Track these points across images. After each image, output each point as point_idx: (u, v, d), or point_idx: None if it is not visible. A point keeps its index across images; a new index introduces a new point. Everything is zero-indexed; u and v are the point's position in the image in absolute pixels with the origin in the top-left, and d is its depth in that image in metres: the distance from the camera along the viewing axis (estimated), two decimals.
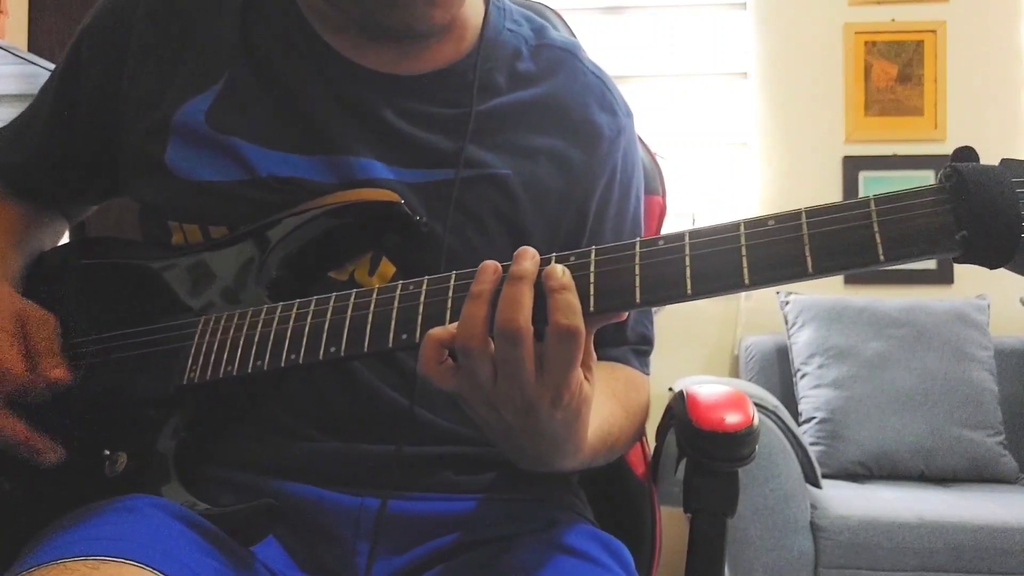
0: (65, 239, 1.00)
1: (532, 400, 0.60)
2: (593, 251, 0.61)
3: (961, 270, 2.90)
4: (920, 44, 3.00)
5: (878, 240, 0.54)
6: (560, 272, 0.59)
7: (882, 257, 0.54)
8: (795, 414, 2.58)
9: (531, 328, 0.58)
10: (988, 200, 0.52)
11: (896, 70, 3.01)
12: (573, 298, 0.58)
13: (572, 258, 0.61)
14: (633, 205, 0.91)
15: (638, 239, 0.60)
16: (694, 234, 0.58)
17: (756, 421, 0.90)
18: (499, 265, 0.61)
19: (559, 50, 0.89)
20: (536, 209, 0.82)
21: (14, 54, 2.10)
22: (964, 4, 2.98)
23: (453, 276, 0.65)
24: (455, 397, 0.63)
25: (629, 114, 0.92)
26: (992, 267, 0.53)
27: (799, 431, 2.26)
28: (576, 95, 0.87)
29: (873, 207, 0.54)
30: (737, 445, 0.89)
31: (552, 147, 0.84)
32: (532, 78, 0.86)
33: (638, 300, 0.58)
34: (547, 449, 0.65)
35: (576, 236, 0.85)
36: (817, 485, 2.20)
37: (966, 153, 0.55)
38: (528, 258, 0.60)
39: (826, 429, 2.49)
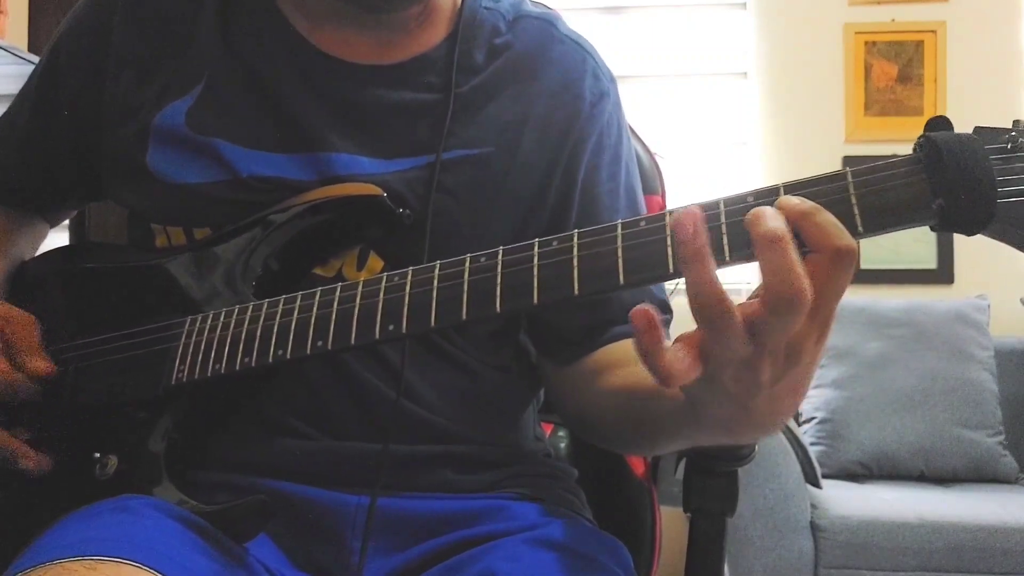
0: (55, 242, 1.00)
1: (799, 341, 0.52)
2: (576, 234, 0.60)
3: (961, 270, 2.91)
4: (920, 44, 3.00)
5: (856, 211, 0.54)
6: (796, 199, 0.52)
7: (861, 228, 0.54)
8: (795, 414, 2.58)
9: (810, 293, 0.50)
10: (963, 167, 0.53)
11: (896, 70, 3.01)
12: (832, 216, 0.51)
13: (555, 243, 0.61)
14: (625, 171, 0.90)
15: (620, 221, 0.60)
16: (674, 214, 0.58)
17: None
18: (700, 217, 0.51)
19: (536, 20, 0.89)
20: (524, 180, 0.82)
21: (14, 54, 2.10)
22: (964, 4, 2.97)
23: (438, 266, 0.65)
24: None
25: (612, 80, 0.91)
26: (969, 233, 0.54)
27: (799, 431, 2.26)
28: (555, 61, 0.87)
29: (850, 179, 0.54)
30: (736, 444, 0.88)
31: (534, 113, 0.84)
32: (510, 49, 0.86)
33: (622, 281, 0.58)
34: (787, 409, 0.57)
35: (566, 201, 0.85)
36: (817, 485, 2.20)
37: (940, 123, 0.56)
38: (772, 217, 0.50)
39: (826, 429, 2.49)
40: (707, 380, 0.54)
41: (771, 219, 0.50)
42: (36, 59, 2.11)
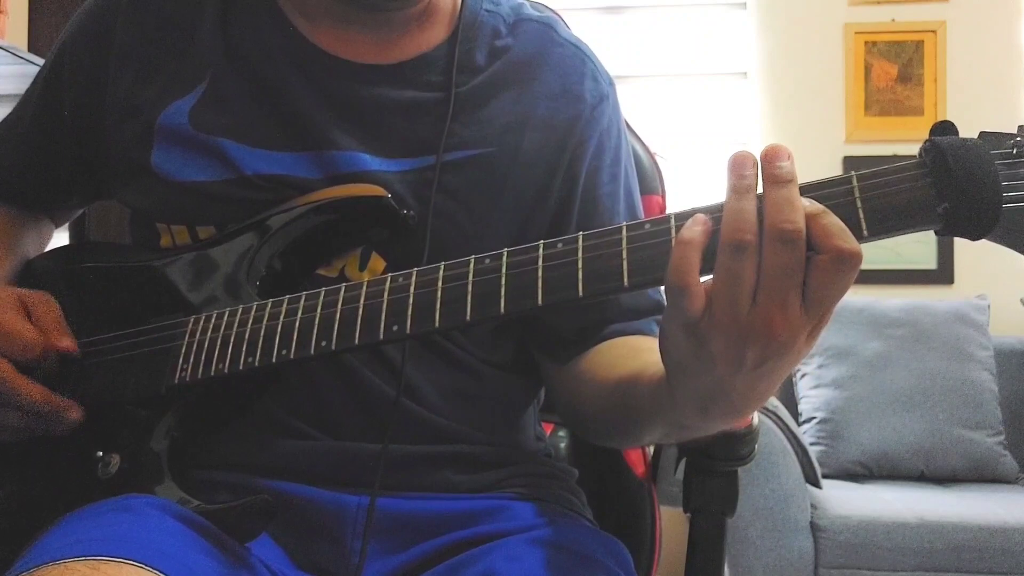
0: (54, 241, 1.00)
1: (793, 332, 0.53)
2: (581, 236, 0.61)
3: (961, 270, 2.90)
4: (920, 44, 3.00)
5: (861, 216, 0.54)
6: (806, 201, 0.53)
7: (865, 232, 0.54)
8: (795, 414, 2.58)
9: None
10: (968, 172, 0.53)
11: (896, 70, 3.01)
12: (838, 220, 0.52)
13: (560, 245, 0.61)
14: (625, 173, 0.90)
15: (624, 223, 0.60)
16: (680, 216, 0.58)
17: (756, 421, 0.90)
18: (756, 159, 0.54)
19: (536, 23, 0.89)
20: (525, 182, 0.82)
21: (14, 54, 2.10)
22: (964, 4, 2.97)
23: (442, 267, 0.65)
24: (688, 324, 0.55)
25: (611, 83, 0.92)
26: (974, 238, 0.54)
27: (799, 431, 2.26)
28: (555, 64, 0.87)
29: (855, 183, 0.55)
30: (737, 444, 0.89)
31: (535, 115, 0.84)
32: (510, 51, 0.86)
33: (626, 283, 0.58)
34: (760, 395, 0.58)
35: (567, 203, 0.85)
36: (817, 485, 2.20)
37: (945, 127, 0.56)
38: (787, 157, 0.53)
39: (826, 429, 2.49)
40: (695, 335, 0.55)
41: (784, 159, 0.53)
42: (36, 59, 2.12)
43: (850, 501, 2.19)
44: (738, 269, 0.53)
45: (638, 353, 0.77)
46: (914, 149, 0.56)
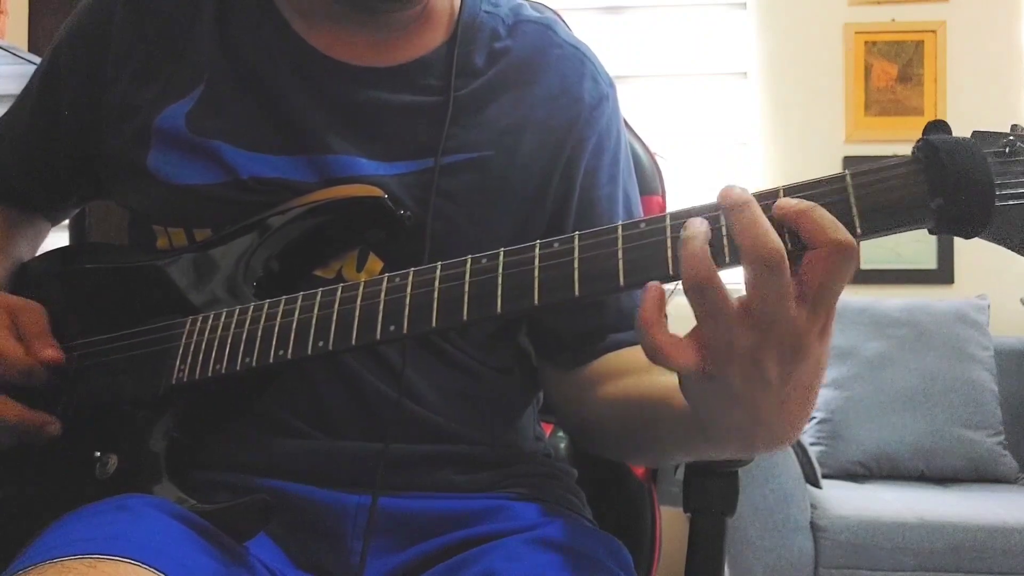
0: (55, 242, 1.00)
1: (801, 334, 0.53)
2: (577, 236, 0.61)
3: (961, 270, 2.91)
4: (920, 44, 3.00)
5: (855, 212, 0.54)
6: (794, 200, 0.54)
7: (859, 230, 0.54)
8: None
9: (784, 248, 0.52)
10: (961, 170, 0.53)
11: (896, 70, 3.01)
12: (827, 213, 0.53)
13: (556, 244, 0.61)
14: (623, 175, 0.90)
15: (620, 223, 0.60)
16: (675, 216, 0.58)
17: None
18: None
19: (535, 24, 0.89)
20: (523, 184, 0.82)
21: (14, 54, 2.10)
22: (964, 4, 2.98)
23: (439, 267, 0.65)
24: (689, 374, 0.56)
25: (611, 84, 0.91)
26: (967, 236, 0.55)
27: None
28: (554, 66, 0.87)
29: (849, 181, 0.55)
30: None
31: (534, 117, 0.84)
32: (509, 53, 0.86)
33: (622, 283, 0.58)
34: (801, 406, 0.58)
35: (565, 203, 0.85)
36: (817, 485, 2.20)
37: (939, 126, 0.56)
38: (737, 189, 0.55)
39: (826, 429, 2.50)
40: (712, 379, 0.55)
41: (737, 190, 0.55)
42: (36, 59, 2.12)
43: (850, 501, 2.19)
44: (716, 313, 0.54)
45: (652, 372, 0.76)
46: None
